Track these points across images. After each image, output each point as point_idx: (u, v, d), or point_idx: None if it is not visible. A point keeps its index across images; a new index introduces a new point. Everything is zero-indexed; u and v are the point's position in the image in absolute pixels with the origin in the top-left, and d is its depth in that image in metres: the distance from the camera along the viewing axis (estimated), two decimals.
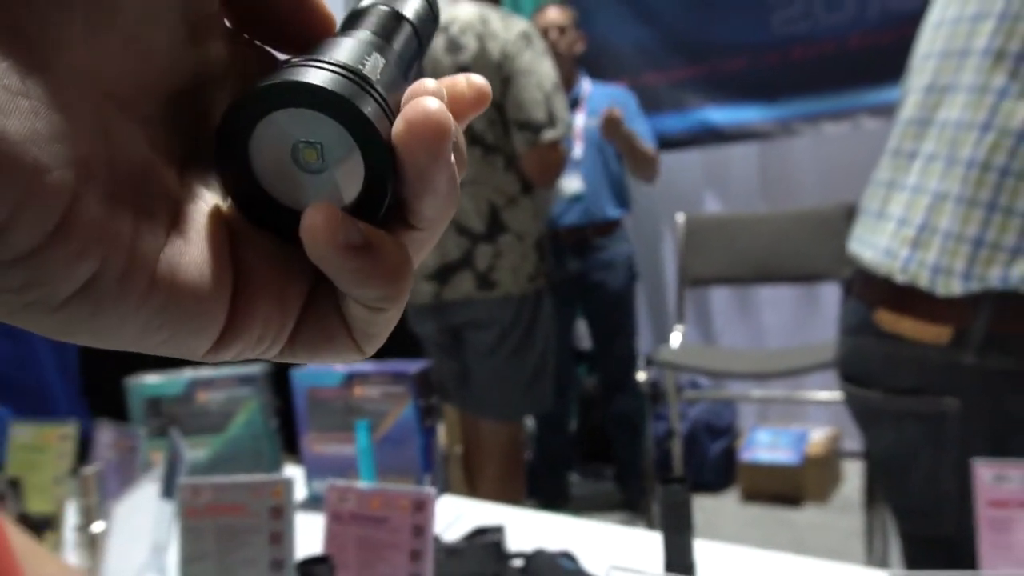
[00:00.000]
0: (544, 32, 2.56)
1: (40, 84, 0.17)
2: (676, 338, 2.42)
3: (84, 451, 1.14)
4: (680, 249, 2.48)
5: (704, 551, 0.89)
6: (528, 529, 1.02)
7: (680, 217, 2.48)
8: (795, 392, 2.60)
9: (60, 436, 1.10)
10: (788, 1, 2.73)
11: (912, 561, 0.92)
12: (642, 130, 2.58)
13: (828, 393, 2.21)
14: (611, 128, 2.43)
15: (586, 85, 2.67)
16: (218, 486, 0.84)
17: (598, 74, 2.84)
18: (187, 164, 0.21)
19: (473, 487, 2.10)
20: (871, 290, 0.90)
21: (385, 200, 0.21)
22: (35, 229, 0.16)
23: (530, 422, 2.73)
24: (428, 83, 0.21)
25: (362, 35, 0.24)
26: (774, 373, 2.07)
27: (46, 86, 0.17)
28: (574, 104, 2.60)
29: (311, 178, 0.21)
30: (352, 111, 0.20)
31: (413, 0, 0.27)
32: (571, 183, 2.55)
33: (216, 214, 0.21)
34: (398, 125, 0.20)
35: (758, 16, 2.77)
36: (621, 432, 2.71)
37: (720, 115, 2.91)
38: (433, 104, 0.20)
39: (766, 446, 2.76)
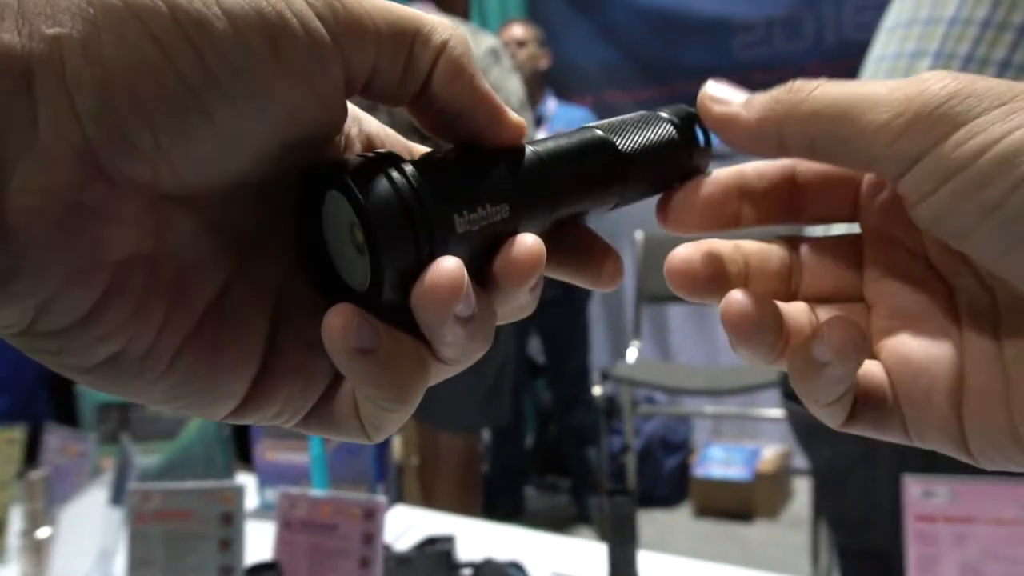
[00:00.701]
0: (505, 46, 2.59)
1: (97, 192, 0.18)
2: (632, 354, 2.45)
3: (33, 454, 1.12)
4: (638, 266, 2.51)
5: (655, 564, 0.91)
6: (479, 539, 1.03)
7: (639, 234, 2.52)
8: (747, 409, 2.64)
9: (7, 440, 1.09)
10: (749, 27, 2.80)
11: (846, 574, 0.95)
12: None
13: (779, 411, 2.25)
14: None
15: (551, 104, 2.71)
16: (168, 492, 0.84)
17: (564, 91, 2.88)
18: (252, 249, 0.22)
19: (429, 499, 2.10)
20: None
21: (394, 303, 0.21)
22: (66, 314, 0.18)
23: (487, 435, 2.74)
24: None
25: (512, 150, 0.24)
26: (726, 390, 2.11)
27: (102, 194, 0.18)
28: (539, 122, 2.63)
29: (359, 258, 0.21)
30: (364, 214, 0.20)
31: (633, 137, 0.27)
32: None
33: (261, 300, 0.22)
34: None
35: (720, 40, 2.84)
36: (576, 446, 2.73)
37: None
38: (445, 270, 0.20)
39: (719, 462, 2.80)
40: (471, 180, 0.23)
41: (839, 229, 0.28)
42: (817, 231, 0.42)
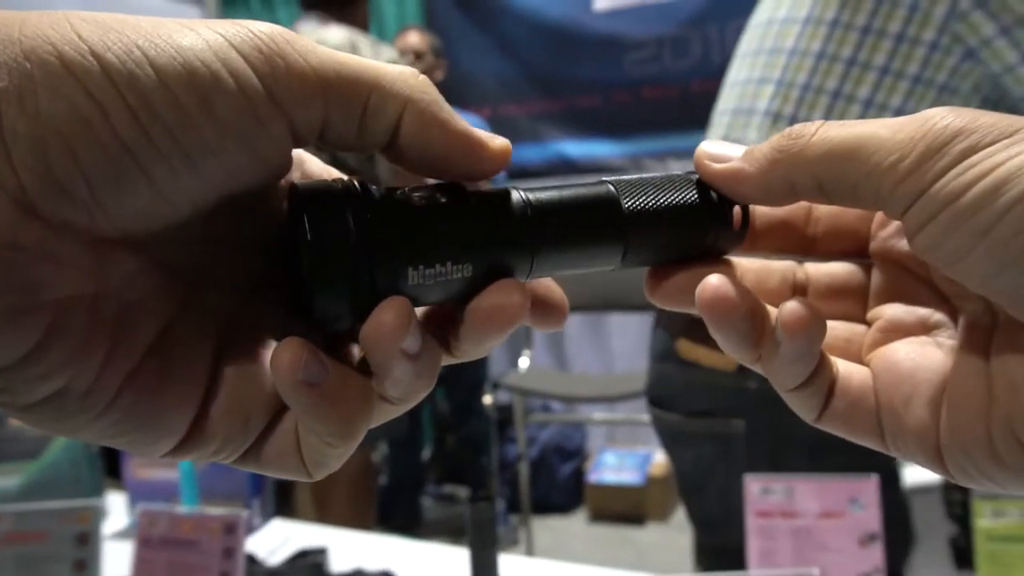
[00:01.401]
0: (401, 55, 2.60)
1: (33, 233, 0.18)
2: (524, 362, 2.49)
3: None
4: None
5: (548, 571, 0.93)
6: (354, 550, 1.03)
7: None
8: (635, 415, 2.72)
9: None
10: (640, 44, 2.89)
11: (703, 569, 1.00)
12: None
13: None
14: None
15: None
16: (20, 514, 0.81)
17: (459, 102, 2.90)
18: (195, 287, 0.22)
19: (323, 513, 2.07)
20: (674, 321, 0.98)
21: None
22: (6, 352, 0.18)
23: (383, 446, 2.72)
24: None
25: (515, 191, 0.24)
26: (617, 396, 2.16)
27: (39, 236, 0.18)
28: None
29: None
30: (309, 258, 0.21)
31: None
32: None
33: (204, 338, 0.22)
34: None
35: (612, 56, 2.92)
36: (473, 456, 2.75)
37: (575, 149, 3.03)
38: (391, 309, 0.21)
39: (612, 468, 2.86)
40: (434, 234, 0.22)
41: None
42: None
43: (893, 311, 0.26)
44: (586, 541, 2.73)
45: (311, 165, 0.25)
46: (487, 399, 2.42)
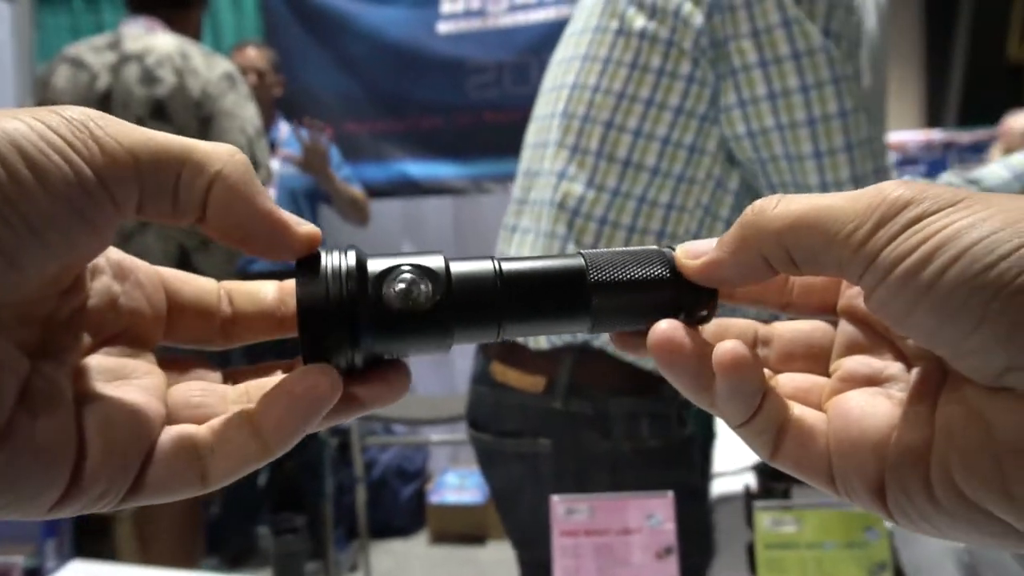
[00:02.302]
0: (242, 72, 2.51)
1: None
2: None
3: None
4: None
5: None
6: None
7: None
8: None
9: None
10: (482, 68, 2.94)
11: None
12: (347, 175, 2.61)
13: None
14: (314, 159, 2.40)
15: (284, 128, 2.66)
16: None
17: (300, 117, 2.84)
18: (41, 346, 0.24)
19: (145, 550, 1.95)
20: (491, 345, 1.01)
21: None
22: None
23: None
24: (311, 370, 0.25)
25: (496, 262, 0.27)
26: (457, 417, 2.17)
27: None
28: (271, 147, 2.57)
29: None
30: (299, 305, 0.25)
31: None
32: None
33: (63, 394, 0.23)
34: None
35: (455, 79, 2.95)
36: (310, 481, 2.67)
37: (418, 169, 3.04)
38: (298, 387, 0.25)
39: (454, 488, 2.87)
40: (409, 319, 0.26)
41: None
42: None
43: (852, 363, 0.28)
44: (427, 563, 2.71)
45: (111, 251, 0.28)
46: None
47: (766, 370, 0.28)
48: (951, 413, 0.23)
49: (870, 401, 0.26)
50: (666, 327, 0.26)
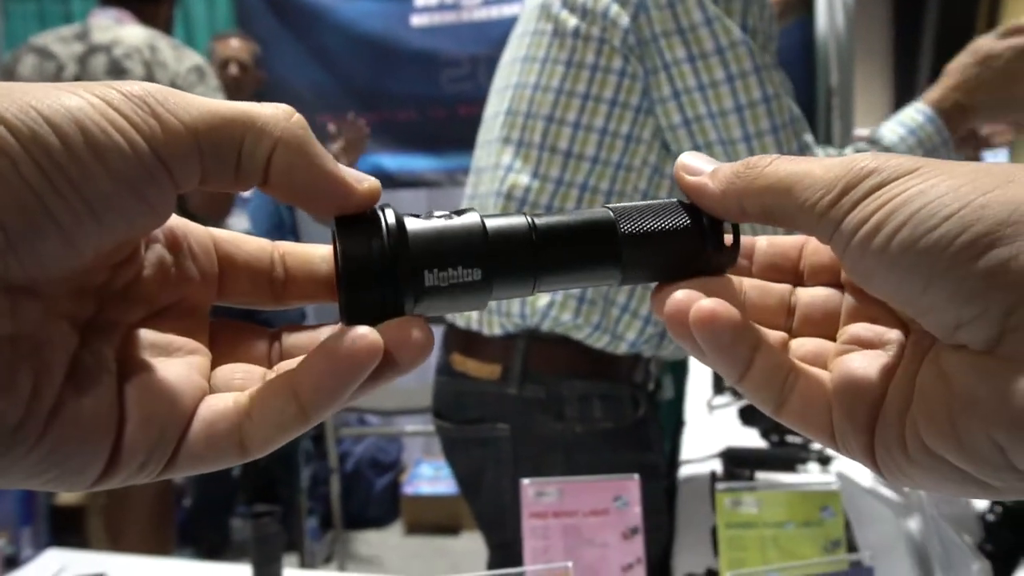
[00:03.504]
0: (225, 63, 2.50)
1: None
2: None
3: None
4: None
5: None
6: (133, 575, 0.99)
7: None
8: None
9: None
10: (456, 62, 2.95)
11: (490, 566, 1.06)
12: None
13: None
14: (359, 143, 2.43)
15: None
16: None
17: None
18: (92, 319, 0.24)
19: (116, 540, 1.95)
20: (451, 336, 1.05)
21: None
22: None
23: None
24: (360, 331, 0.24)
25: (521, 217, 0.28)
26: (426, 409, 2.19)
27: None
28: None
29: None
30: (344, 260, 0.25)
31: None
32: (238, 222, 2.50)
33: (109, 369, 0.24)
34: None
35: (429, 72, 2.96)
36: (284, 472, 2.68)
37: (392, 162, 3.04)
38: (338, 348, 0.24)
39: (428, 479, 2.89)
40: (448, 243, 0.26)
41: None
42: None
43: (856, 328, 0.29)
44: (402, 553, 2.73)
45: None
46: None
47: (781, 333, 0.30)
48: (926, 373, 0.25)
49: (870, 363, 0.27)
50: (680, 297, 0.26)
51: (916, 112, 0.95)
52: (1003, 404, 0.21)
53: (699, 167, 0.29)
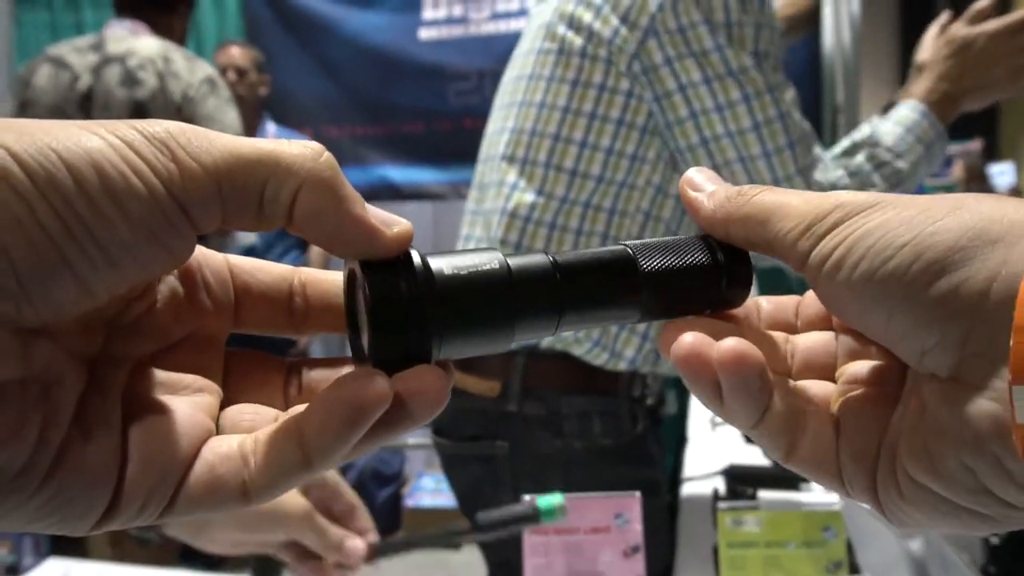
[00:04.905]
0: (223, 71, 2.52)
1: None
2: None
3: None
4: None
5: None
6: None
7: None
8: None
9: None
10: (463, 75, 2.96)
11: None
12: None
13: None
14: None
15: (271, 128, 2.67)
16: None
17: (282, 119, 2.85)
18: (103, 354, 0.24)
19: (120, 550, 1.95)
20: None
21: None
22: None
23: None
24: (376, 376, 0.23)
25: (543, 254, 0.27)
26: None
27: None
28: None
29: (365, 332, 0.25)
30: (374, 303, 0.24)
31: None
32: (245, 235, 2.51)
33: (115, 410, 0.23)
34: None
35: (436, 85, 2.97)
36: None
37: (398, 174, 3.05)
38: (342, 391, 0.23)
39: (430, 491, 2.88)
40: (474, 287, 0.25)
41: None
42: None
43: (854, 368, 0.28)
44: (403, 566, 2.72)
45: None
46: None
47: (786, 378, 0.29)
48: (909, 406, 0.25)
49: (871, 402, 0.27)
50: (690, 340, 0.26)
51: (909, 110, 0.96)
52: (965, 427, 0.22)
53: (702, 184, 0.30)
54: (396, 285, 0.24)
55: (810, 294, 0.31)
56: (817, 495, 1.18)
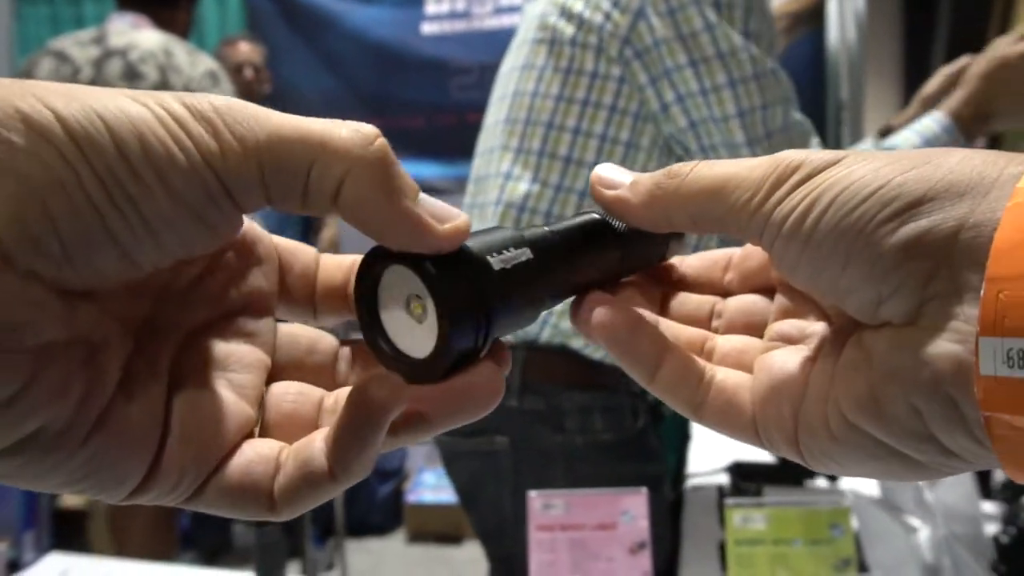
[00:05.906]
0: (239, 67, 2.51)
1: (11, 282, 0.19)
2: None
3: None
4: None
5: None
6: None
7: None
8: None
9: None
10: (465, 69, 2.96)
11: None
12: None
13: None
14: None
15: None
16: None
17: None
18: (150, 320, 0.24)
19: (121, 545, 1.94)
20: None
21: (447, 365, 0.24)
22: None
23: None
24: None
25: (534, 231, 0.28)
26: None
27: (17, 285, 0.19)
28: None
29: (415, 326, 0.25)
30: (438, 290, 0.23)
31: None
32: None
33: (160, 376, 0.23)
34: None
35: (438, 79, 2.96)
36: None
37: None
38: (357, 396, 0.22)
39: (431, 487, 2.88)
40: (519, 276, 0.26)
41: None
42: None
43: (780, 326, 0.29)
44: (404, 562, 2.72)
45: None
46: None
47: (703, 332, 0.30)
48: (847, 356, 0.25)
49: (790, 357, 0.27)
50: (602, 309, 0.28)
51: (933, 122, 0.95)
52: (921, 367, 0.22)
53: (616, 179, 0.29)
54: (467, 290, 0.24)
55: (747, 247, 0.31)
56: (823, 491, 1.18)
